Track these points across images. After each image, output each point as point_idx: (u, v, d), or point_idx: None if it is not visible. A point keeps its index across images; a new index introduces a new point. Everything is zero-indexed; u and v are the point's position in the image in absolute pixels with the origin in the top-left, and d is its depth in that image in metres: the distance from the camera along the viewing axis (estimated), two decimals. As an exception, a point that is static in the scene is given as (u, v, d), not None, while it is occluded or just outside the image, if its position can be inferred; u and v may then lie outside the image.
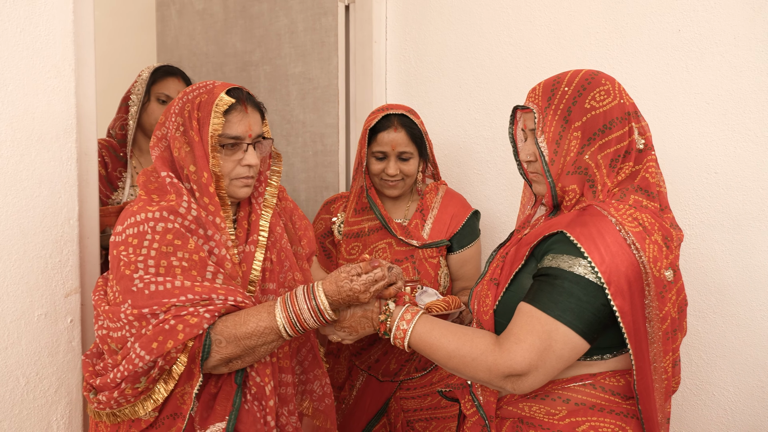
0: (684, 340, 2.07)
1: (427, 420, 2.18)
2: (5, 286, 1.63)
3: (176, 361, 1.44)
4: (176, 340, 1.41)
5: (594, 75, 1.39)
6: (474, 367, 1.33)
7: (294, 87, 2.92)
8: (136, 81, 2.54)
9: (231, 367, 1.50)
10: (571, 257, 1.27)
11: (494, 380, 1.31)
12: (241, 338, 1.45)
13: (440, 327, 1.41)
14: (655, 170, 1.38)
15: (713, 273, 2.05)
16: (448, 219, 2.18)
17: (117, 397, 1.47)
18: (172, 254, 1.46)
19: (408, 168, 2.13)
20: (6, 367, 1.64)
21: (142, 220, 1.48)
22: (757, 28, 1.95)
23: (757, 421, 2.01)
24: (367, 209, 2.18)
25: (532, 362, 1.27)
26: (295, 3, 2.88)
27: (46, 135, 1.69)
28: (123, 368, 1.44)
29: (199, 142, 1.51)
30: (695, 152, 2.06)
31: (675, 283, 1.33)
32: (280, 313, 1.47)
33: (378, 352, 2.15)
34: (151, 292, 1.44)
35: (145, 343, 1.42)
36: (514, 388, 1.31)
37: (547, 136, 1.38)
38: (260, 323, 1.46)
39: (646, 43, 2.13)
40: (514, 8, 2.41)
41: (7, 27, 1.62)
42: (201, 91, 1.55)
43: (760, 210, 1.97)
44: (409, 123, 2.12)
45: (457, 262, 2.19)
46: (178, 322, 1.42)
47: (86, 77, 1.80)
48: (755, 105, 1.96)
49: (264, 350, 1.50)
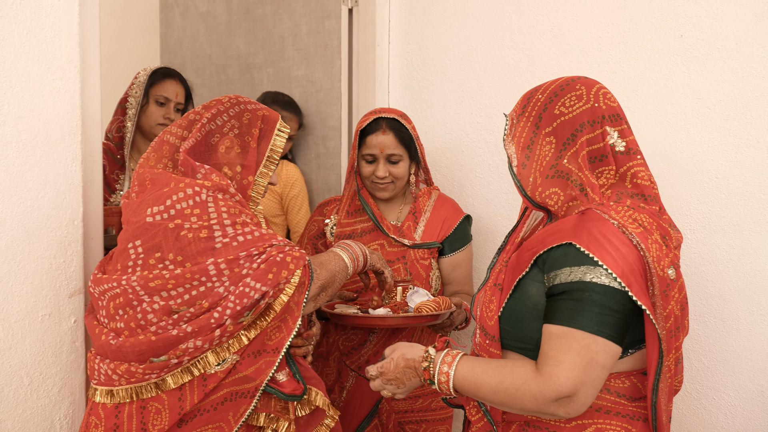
0: (684, 344, 2.08)
1: (417, 422, 2.18)
2: (10, 286, 1.64)
3: (283, 291, 1.53)
4: (289, 270, 1.53)
5: (570, 81, 1.41)
6: (519, 398, 1.28)
7: (297, 89, 2.93)
8: (133, 83, 2.54)
9: (318, 302, 1.66)
10: (588, 267, 1.27)
11: (543, 408, 1.27)
12: (325, 263, 1.68)
13: (480, 363, 1.37)
14: (645, 173, 1.38)
15: (714, 277, 2.06)
16: (441, 222, 2.21)
17: (214, 340, 1.48)
18: (240, 214, 1.55)
19: (397, 171, 2.15)
20: (10, 366, 1.65)
21: (195, 192, 1.52)
22: (759, 34, 1.96)
23: (757, 425, 2.01)
24: (359, 211, 2.20)
25: (577, 380, 1.24)
26: (298, 6, 2.89)
27: (51, 136, 1.70)
28: (233, 303, 1.47)
29: (255, 149, 1.63)
30: (697, 157, 2.07)
31: (677, 281, 1.34)
32: (342, 251, 1.77)
33: (369, 352, 2.15)
34: (239, 243, 1.51)
35: (260, 274, 1.49)
36: (568, 412, 1.26)
37: (518, 141, 1.42)
38: (332, 255, 1.74)
39: (648, 48, 2.14)
40: (517, 13, 2.42)
41: (14, 29, 1.63)
42: (260, 106, 1.69)
43: (761, 215, 1.98)
44: (398, 126, 2.14)
45: (449, 265, 2.21)
46: (285, 255, 1.54)
47: (91, 79, 1.81)
48: (757, 110, 1.97)
49: (339, 281, 1.73)
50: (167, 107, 2.56)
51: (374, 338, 2.15)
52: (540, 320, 1.34)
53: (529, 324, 1.36)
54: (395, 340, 2.14)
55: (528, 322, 1.36)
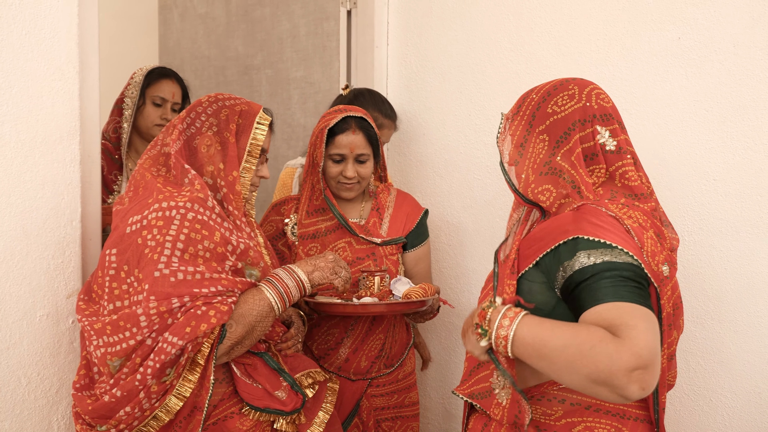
0: (682, 345, 2.08)
1: (392, 419, 2.19)
2: (8, 286, 1.64)
3: (201, 347, 1.48)
4: (210, 324, 1.46)
5: (564, 81, 1.44)
6: (593, 357, 1.12)
7: (295, 91, 2.94)
8: (129, 83, 2.52)
9: (231, 355, 1.56)
10: (605, 249, 1.24)
11: (616, 376, 1.11)
12: (246, 314, 1.55)
13: (548, 321, 1.23)
14: (634, 173, 1.39)
15: (711, 279, 2.06)
16: (404, 217, 2.22)
17: (143, 403, 1.45)
18: (199, 242, 1.51)
19: (364, 170, 2.13)
20: (8, 367, 1.65)
21: (169, 207, 1.52)
22: (756, 37, 1.97)
23: (754, 427, 2.02)
24: (321, 210, 2.16)
25: (654, 347, 1.11)
26: (297, 7, 2.90)
27: (50, 137, 1.70)
28: (152, 362, 1.44)
29: (234, 145, 1.64)
30: (694, 159, 2.07)
31: (670, 279, 1.35)
32: (268, 290, 1.61)
33: (347, 351, 2.12)
34: (178, 281, 1.47)
35: (177, 329, 1.44)
36: (643, 387, 1.10)
37: (513, 140, 1.45)
38: (256, 300, 1.58)
39: (645, 50, 2.15)
40: (515, 15, 2.43)
41: (13, 29, 1.63)
42: (239, 101, 1.69)
43: (758, 217, 1.99)
44: (366, 125, 2.12)
45: (412, 260, 2.23)
46: (209, 308, 1.48)
47: (90, 80, 1.82)
48: (754, 113, 1.98)
49: (260, 330, 1.59)
50: (164, 108, 2.56)
51: (351, 336, 2.12)
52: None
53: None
54: (372, 335, 2.12)
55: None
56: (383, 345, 2.14)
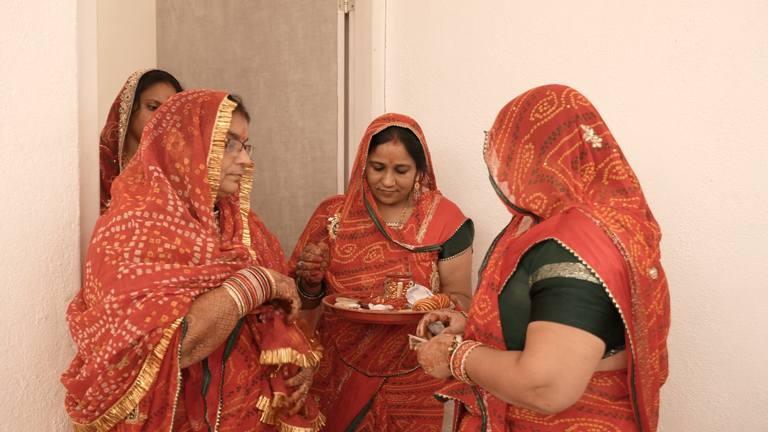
0: (679, 346, 2.09)
1: (408, 418, 2.21)
2: (6, 289, 1.64)
3: (160, 340, 1.46)
4: (171, 316, 1.45)
5: (540, 89, 1.47)
6: (501, 384, 1.32)
7: (293, 94, 2.94)
8: (125, 88, 2.52)
9: (194, 357, 1.53)
10: (568, 264, 1.29)
11: (521, 396, 1.28)
12: (207, 309, 1.52)
13: (484, 351, 1.41)
14: (621, 167, 1.41)
15: (708, 280, 2.07)
16: (442, 225, 2.25)
17: (102, 386, 1.46)
18: (159, 245, 1.52)
19: (404, 180, 2.19)
20: (6, 370, 1.65)
21: (129, 218, 1.54)
22: (752, 39, 1.98)
23: (751, 427, 2.02)
24: (362, 212, 2.23)
25: (552, 369, 1.24)
26: (295, 10, 2.90)
27: (48, 139, 1.71)
28: (110, 347, 1.44)
29: (199, 137, 1.61)
30: (691, 161, 2.08)
31: (659, 281, 1.36)
32: (231, 288, 1.57)
33: (366, 347, 2.18)
34: (138, 276, 1.47)
35: (137, 317, 1.44)
36: (548, 404, 1.26)
37: (499, 154, 1.47)
38: (218, 296, 1.55)
39: (642, 52, 2.16)
40: (512, 17, 2.44)
41: (11, 32, 1.63)
42: (201, 94, 1.67)
43: (754, 218, 1.99)
44: (410, 137, 2.17)
45: (448, 268, 2.25)
46: (171, 299, 1.47)
47: (89, 83, 1.82)
48: (750, 114, 1.99)
49: (223, 328, 1.55)
50: None
51: (372, 334, 2.18)
52: (523, 319, 1.36)
53: (514, 323, 1.39)
54: (393, 335, 2.17)
55: (513, 321, 1.39)
56: (403, 346, 2.17)
